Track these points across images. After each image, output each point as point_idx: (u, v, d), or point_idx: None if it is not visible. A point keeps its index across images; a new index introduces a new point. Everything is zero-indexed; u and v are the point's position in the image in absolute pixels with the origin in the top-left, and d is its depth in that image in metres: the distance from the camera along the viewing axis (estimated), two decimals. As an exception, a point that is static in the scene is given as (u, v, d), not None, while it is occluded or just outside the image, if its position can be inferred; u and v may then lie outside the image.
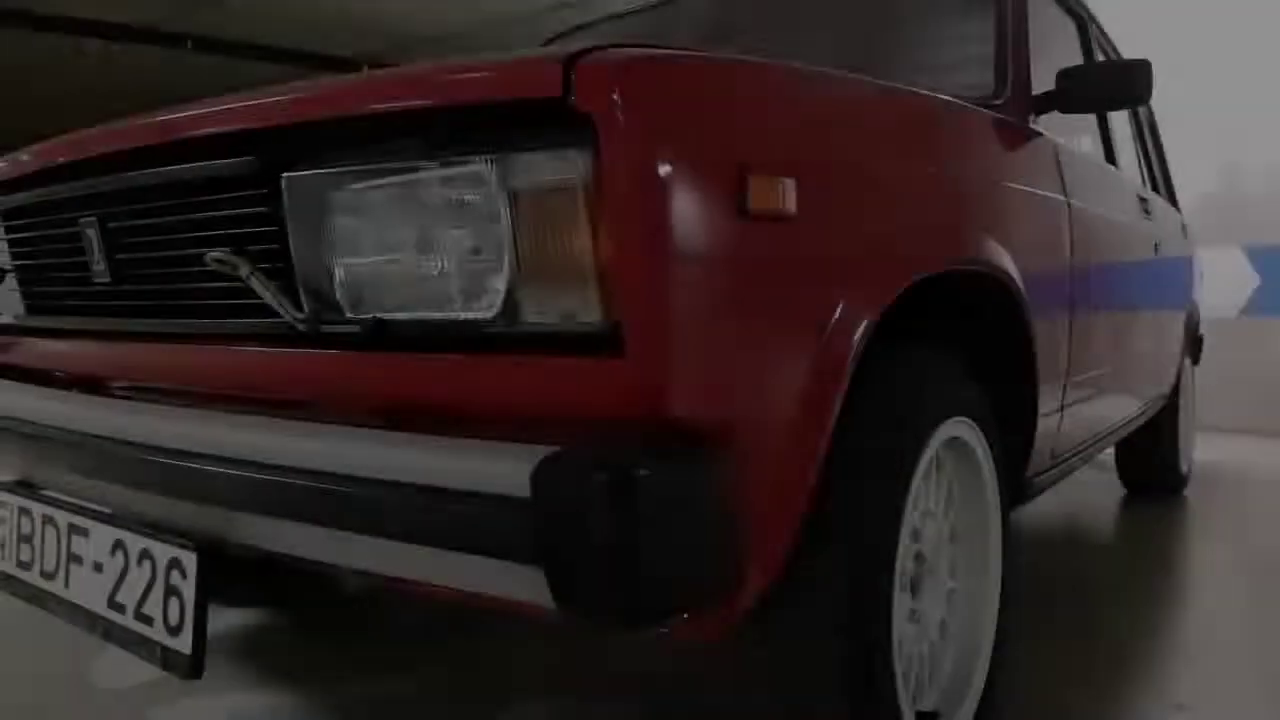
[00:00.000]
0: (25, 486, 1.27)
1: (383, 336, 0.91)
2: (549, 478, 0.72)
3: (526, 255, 0.81)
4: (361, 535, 0.82)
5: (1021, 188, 1.50)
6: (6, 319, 1.44)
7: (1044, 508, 2.91)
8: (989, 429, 1.31)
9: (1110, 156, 2.26)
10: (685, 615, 0.89)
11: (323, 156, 0.91)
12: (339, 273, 0.92)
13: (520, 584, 0.76)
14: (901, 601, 1.12)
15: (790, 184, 0.88)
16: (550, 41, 2.34)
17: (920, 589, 1.21)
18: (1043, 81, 1.67)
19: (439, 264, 0.86)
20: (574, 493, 0.70)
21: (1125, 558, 2.52)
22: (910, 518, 1.12)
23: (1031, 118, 1.64)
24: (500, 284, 0.82)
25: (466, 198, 0.83)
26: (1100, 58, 2.33)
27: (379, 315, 0.90)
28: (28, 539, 1.21)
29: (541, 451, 0.75)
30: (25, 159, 1.26)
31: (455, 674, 1.62)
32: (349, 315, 0.92)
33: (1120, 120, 2.49)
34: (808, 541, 0.96)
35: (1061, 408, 1.68)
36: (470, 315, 0.85)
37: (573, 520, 0.70)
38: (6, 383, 1.39)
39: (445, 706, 1.49)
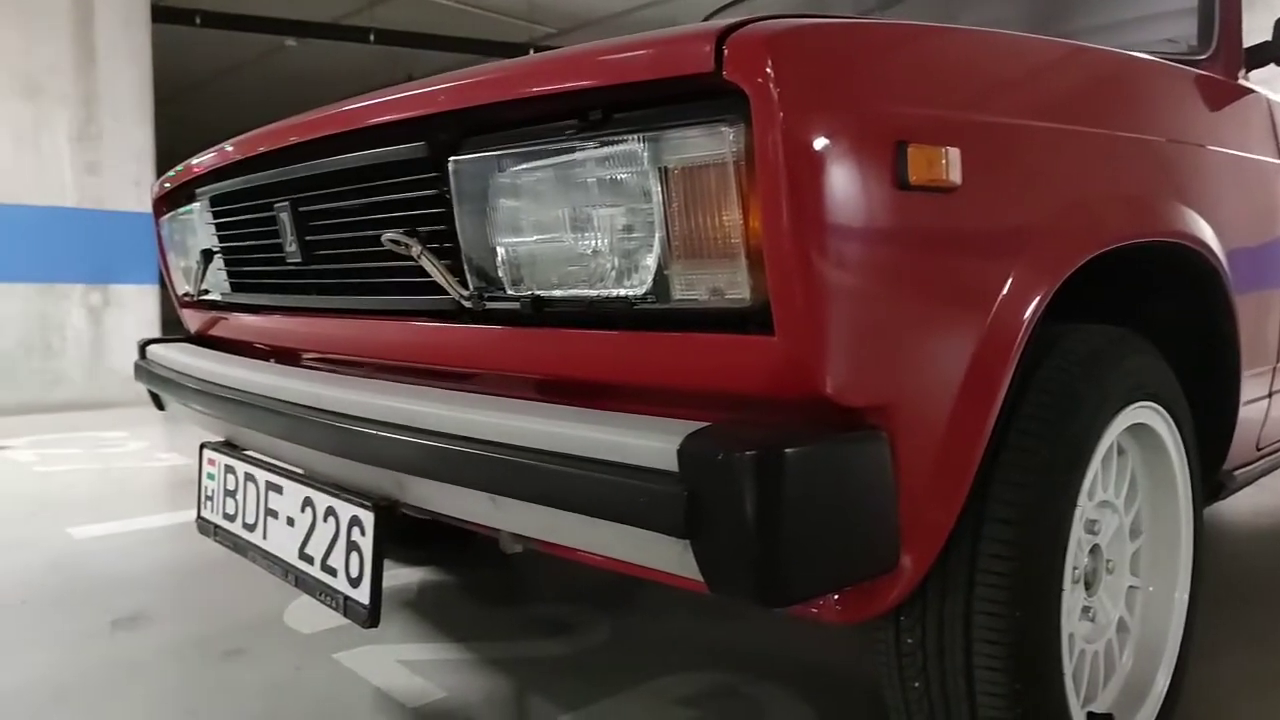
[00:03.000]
0: (230, 447, 1.41)
1: (541, 313, 0.94)
2: (695, 453, 0.72)
3: (677, 232, 0.81)
4: (518, 501, 0.86)
5: (1228, 151, 1.36)
6: (215, 296, 1.59)
7: (1249, 503, 2.65)
8: (1180, 416, 1.20)
9: (1340, 113, 2.01)
10: (835, 597, 0.88)
11: (485, 140, 0.95)
12: (500, 252, 0.96)
13: (669, 556, 0.77)
14: (1074, 596, 1.06)
15: (954, 153, 0.84)
16: (712, 16, 2.32)
17: (1096, 584, 1.13)
18: (1258, 31, 1.50)
19: (593, 242, 0.88)
20: (718, 468, 0.70)
21: (1346, 563, 2.26)
22: (1085, 508, 1.05)
23: (1242, 73, 1.48)
24: (651, 261, 0.83)
25: (620, 176, 0.84)
26: (1331, 0, 2.06)
27: (537, 292, 0.94)
28: (232, 494, 1.35)
29: (690, 427, 0.76)
30: (229, 149, 1.38)
31: (613, 641, 1.67)
32: (510, 292, 0.96)
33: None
34: (970, 527, 0.92)
35: (1270, 394, 1.52)
36: (622, 292, 0.86)
37: (717, 496, 0.71)
38: (215, 353, 1.55)
39: (601, 670, 1.54)
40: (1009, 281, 0.91)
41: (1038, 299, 0.93)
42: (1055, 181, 1.00)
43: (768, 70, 0.73)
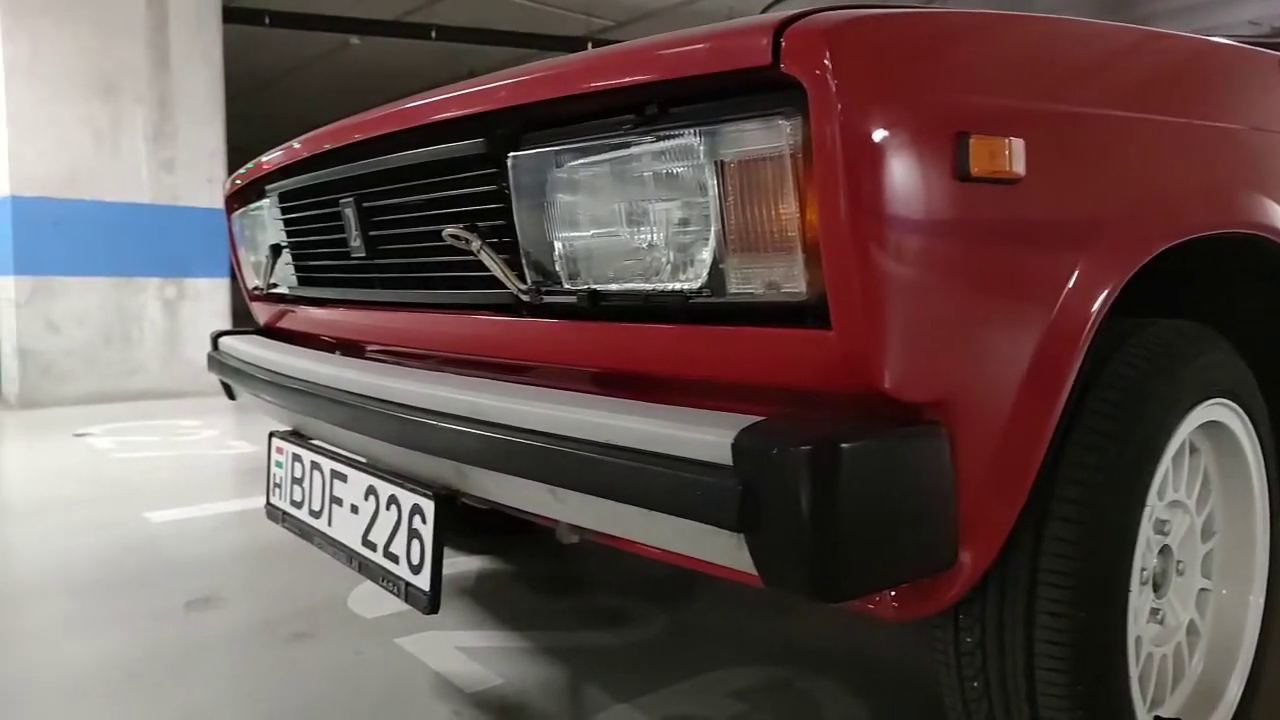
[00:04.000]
0: (297, 436, 1.45)
1: (597, 307, 0.95)
2: (748, 446, 0.72)
3: (733, 226, 0.81)
4: (573, 492, 0.87)
5: (1312, 138, 1.30)
6: (283, 289, 1.64)
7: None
8: (1257, 414, 1.16)
9: None
10: (892, 593, 0.87)
11: (543, 136, 0.96)
12: (557, 246, 0.97)
13: (723, 549, 0.77)
14: (1141, 598, 1.03)
15: (1018, 144, 0.82)
16: (769, 8, 2.30)
17: (1166, 586, 1.10)
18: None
19: (648, 237, 0.88)
20: (772, 462, 0.70)
21: None
22: (1154, 508, 1.02)
23: (1330, 54, 1.41)
24: (706, 255, 0.83)
25: (676, 170, 0.85)
26: None
27: (593, 286, 0.94)
28: (299, 481, 1.39)
29: (745, 421, 0.76)
30: (297, 147, 1.42)
31: (668, 633, 1.68)
32: (566, 286, 0.97)
33: None
34: (1032, 525, 0.90)
35: (1355, 393, 1.45)
36: (678, 286, 0.86)
37: (771, 490, 0.71)
38: (284, 345, 1.59)
39: (656, 662, 1.55)
40: (1076, 274, 0.88)
41: (1106, 292, 0.91)
42: (1127, 171, 0.97)
43: (825, 62, 0.72)
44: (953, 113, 0.79)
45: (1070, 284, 0.88)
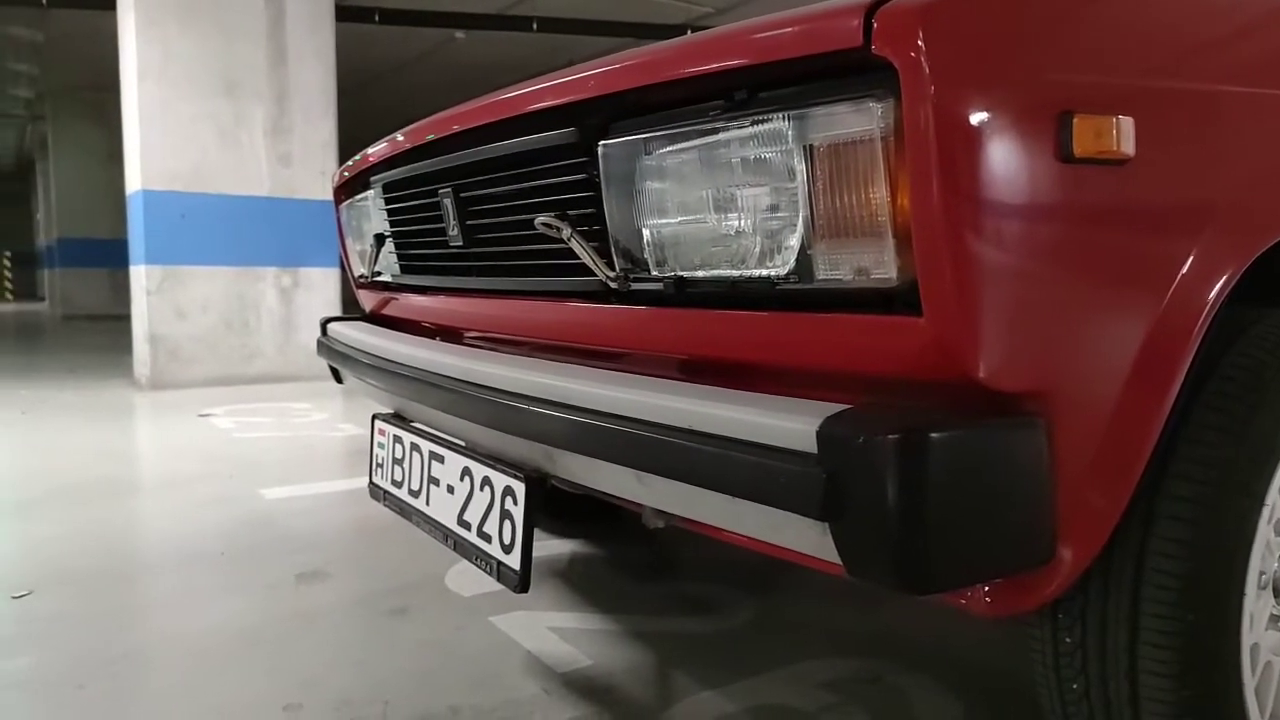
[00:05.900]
0: (398, 418, 1.51)
1: (684, 293, 0.95)
2: (834, 435, 0.71)
3: (821, 211, 0.80)
4: (658, 477, 0.88)
5: None
6: (386, 277, 1.70)
7: None
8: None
9: None
10: (985, 588, 0.85)
11: (633, 124, 0.97)
12: (646, 233, 0.97)
13: (807, 538, 0.77)
14: (1259, 603, 0.97)
15: (1127, 123, 0.78)
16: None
17: (1288, 592, 1.03)
18: None
19: (737, 223, 0.88)
20: (858, 451, 0.69)
21: None
22: (1274, 508, 0.96)
23: None
24: (794, 241, 0.82)
25: (764, 155, 0.84)
26: None
27: (681, 273, 0.95)
28: (400, 462, 1.44)
29: (831, 409, 0.75)
30: (400, 139, 1.47)
31: (756, 622, 1.67)
32: (654, 273, 0.98)
33: None
34: (1139, 522, 0.86)
35: None
36: (765, 273, 0.86)
37: (857, 479, 0.70)
38: (387, 331, 1.66)
39: (744, 650, 1.55)
40: (1190, 260, 0.84)
41: (1224, 279, 0.85)
42: (1250, 150, 0.91)
43: (918, 43, 0.70)
44: (1055, 91, 0.76)
45: (1184, 270, 0.84)
